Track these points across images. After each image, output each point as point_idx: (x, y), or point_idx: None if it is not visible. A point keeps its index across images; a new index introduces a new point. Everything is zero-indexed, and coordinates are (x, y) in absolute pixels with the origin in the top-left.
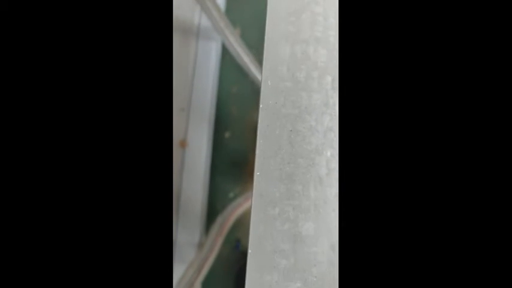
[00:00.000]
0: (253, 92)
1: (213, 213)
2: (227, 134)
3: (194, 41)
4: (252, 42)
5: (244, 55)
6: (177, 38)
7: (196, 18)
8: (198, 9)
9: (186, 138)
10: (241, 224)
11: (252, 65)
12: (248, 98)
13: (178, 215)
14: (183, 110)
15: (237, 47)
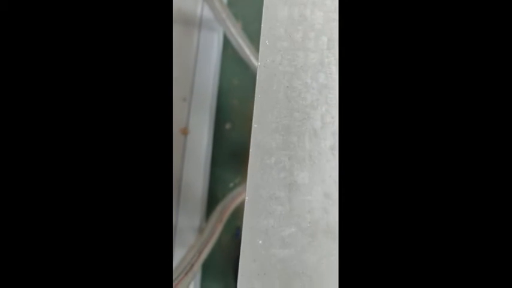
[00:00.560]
0: (254, 85)
1: (214, 202)
2: (228, 126)
3: (196, 31)
4: (253, 36)
5: (245, 47)
6: (179, 29)
7: (198, 9)
8: (200, 0)
9: (187, 126)
10: (241, 213)
11: (253, 57)
12: (249, 90)
13: (179, 201)
14: (185, 100)
15: (239, 38)
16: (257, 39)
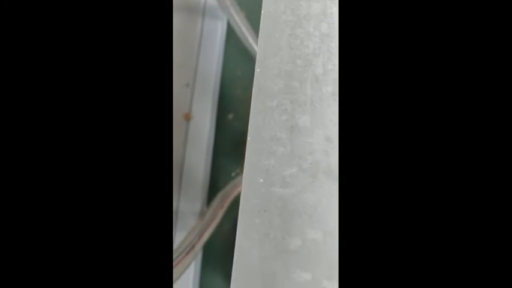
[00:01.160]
0: None
1: (215, 190)
2: (231, 116)
3: (200, 18)
4: (257, 25)
5: (248, 35)
6: (183, 15)
7: None
8: None
9: (190, 112)
10: None
11: (256, 45)
12: (252, 81)
13: (181, 185)
14: (188, 86)
15: (242, 26)
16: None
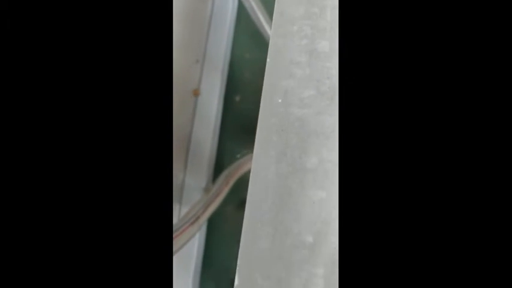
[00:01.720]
0: (266, 58)
1: (220, 170)
2: (238, 98)
3: None
4: (268, 6)
5: (259, 13)
6: None
7: None
8: None
9: (199, 88)
10: (246, 185)
11: (267, 24)
12: (261, 64)
13: (187, 160)
14: (198, 62)
15: (253, 2)
16: (271, 7)
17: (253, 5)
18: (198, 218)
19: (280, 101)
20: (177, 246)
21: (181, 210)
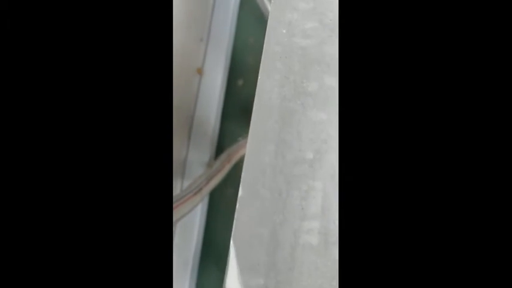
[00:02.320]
0: None
1: (222, 151)
2: (240, 82)
3: None
4: None
5: None
6: None
7: None
8: None
9: (203, 66)
10: None
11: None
12: None
13: (190, 135)
14: (202, 40)
15: None
16: None
17: None
18: (200, 189)
19: (284, 31)
20: (180, 214)
21: (184, 184)
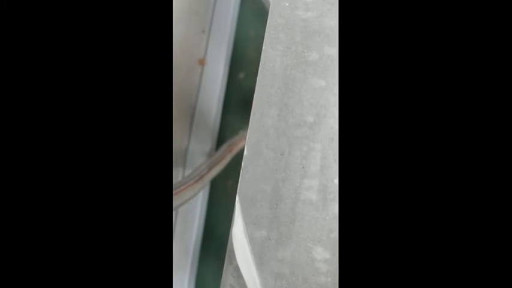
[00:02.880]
0: None
1: (222, 143)
2: (241, 75)
3: None
4: None
5: None
6: None
7: None
8: None
9: (205, 57)
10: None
11: None
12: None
13: (192, 125)
14: (204, 32)
15: None
16: None
17: None
18: (202, 177)
19: (287, 4)
20: (182, 201)
21: (185, 173)
